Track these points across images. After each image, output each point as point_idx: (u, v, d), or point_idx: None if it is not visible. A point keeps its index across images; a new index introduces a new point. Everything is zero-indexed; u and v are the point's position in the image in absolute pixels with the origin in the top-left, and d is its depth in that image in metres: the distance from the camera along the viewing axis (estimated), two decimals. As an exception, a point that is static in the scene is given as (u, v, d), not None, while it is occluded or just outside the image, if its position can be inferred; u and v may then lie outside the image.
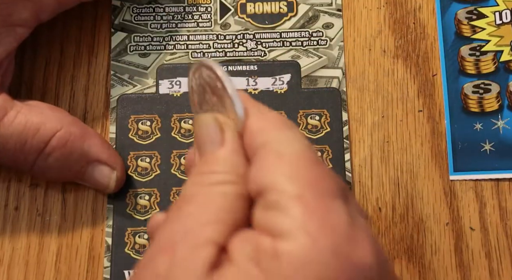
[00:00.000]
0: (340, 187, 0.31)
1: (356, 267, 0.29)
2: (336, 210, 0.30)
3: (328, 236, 0.29)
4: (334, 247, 0.29)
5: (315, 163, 0.31)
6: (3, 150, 0.41)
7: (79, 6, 0.45)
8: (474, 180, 0.44)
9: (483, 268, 0.43)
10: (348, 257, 0.29)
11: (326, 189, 0.30)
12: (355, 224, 0.30)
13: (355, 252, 0.29)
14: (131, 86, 0.46)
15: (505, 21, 0.46)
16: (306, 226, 0.29)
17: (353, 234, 0.29)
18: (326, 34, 0.47)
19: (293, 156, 0.31)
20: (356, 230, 0.30)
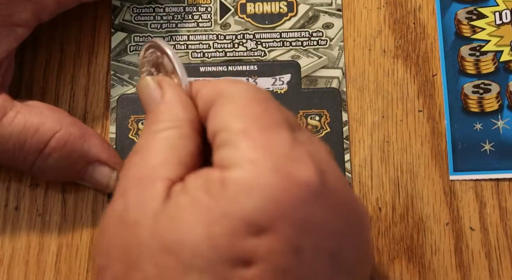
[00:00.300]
0: (285, 118, 0.33)
1: (298, 183, 0.31)
2: (278, 137, 0.32)
3: (268, 159, 0.31)
4: (275, 167, 0.31)
5: (261, 101, 0.34)
6: (2, 150, 0.41)
7: (79, 6, 0.45)
8: (474, 180, 0.44)
9: (483, 268, 0.43)
10: (289, 175, 0.30)
11: (270, 122, 0.33)
12: (298, 147, 0.32)
13: (297, 170, 0.31)
14: (131, 86, 0.46)
15: (505, 21, 0.46)
16: (250, 155, 0.31)
17: (295, 155, 0.31)
18: (326, 34, 0.47)
19: (241, 99, 0.34)
20: (298, 152, 0.32)
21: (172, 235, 0.31)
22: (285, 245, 0.30)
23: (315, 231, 0.31)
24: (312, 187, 0.31)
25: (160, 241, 0.31)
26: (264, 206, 0.30)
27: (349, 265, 0.32)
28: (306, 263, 0.30)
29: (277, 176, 0.31)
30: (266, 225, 0.30)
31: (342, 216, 0.32)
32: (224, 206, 0.30)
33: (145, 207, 0.32)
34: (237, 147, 0.32)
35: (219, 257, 0.30)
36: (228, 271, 0.30)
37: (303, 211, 0.30)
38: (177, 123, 0.34)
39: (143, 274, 0.31)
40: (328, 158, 0.33)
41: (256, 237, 0.30)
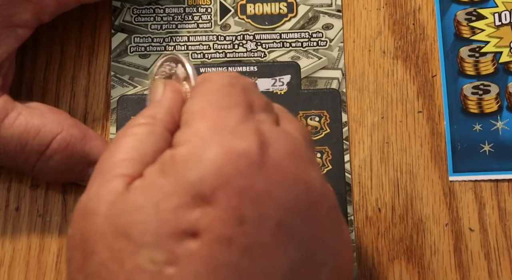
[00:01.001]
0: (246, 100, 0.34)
1: (237, 154, 0.31)
2: (229, 115, 0.33)
3: (214, 134, 0.32)
4: (218, 140, 0.32)
5: (226, 85, 0.35)
6: (3, 151, 0.41)
7: (80, 7, 0.45)
8: (473, 181, 0.44)
9: (482, 269, 0.43)
10: (230, 146, 0.32)
11: (227, 103, 0.34)
12: (247, 124, 0.33)
13: (237, 142, 0.32)
14: (132, 87, 0.46)
15: (505, 22, 0.46)
16: (199, 131, 0.33)
17: (240, 130, 0.32)
18: (326, 35, 0.47)
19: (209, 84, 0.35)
20: (245, 127, 0.33)
21: (123, 218, 0.31)
22: (227, 214, 0.31)
23: (257, 201, 0.31)
24: (250, 157, 0.32)
25: (113, 226, 0.32)
26: (206, 177, 0.31)
27: (301, 236, 0.32)
28: (251, 232, 0.31)
29: (218, 148, 0.32)
30: (209, 195, 0.31)
31: (288, 189, 0.32)
32: (171, 182, 0.31)
33: (101, 199, 0.33)
34: (191, 125, 0.33)
35: (166, 231, 0.31)
36: (176, 244, 0.30)
37: (243, 180, 0.31)
38: (151, 121, 0.35)
39: (98, 258, 0.31)
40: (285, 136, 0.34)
41: (200, 208, 0.31)
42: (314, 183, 0.33)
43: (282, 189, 0.32)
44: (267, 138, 0.33)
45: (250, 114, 0.34)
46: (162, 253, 0.30)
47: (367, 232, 0.44)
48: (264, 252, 0.31)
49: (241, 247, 0.31)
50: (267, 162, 0.32)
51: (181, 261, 0.30)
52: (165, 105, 0.36)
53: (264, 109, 0.35)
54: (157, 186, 0.32)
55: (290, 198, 0.32)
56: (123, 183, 0.33)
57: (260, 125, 0.33)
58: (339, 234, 0.34)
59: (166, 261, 0.30)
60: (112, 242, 0.31)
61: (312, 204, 0.33)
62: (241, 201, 0.31)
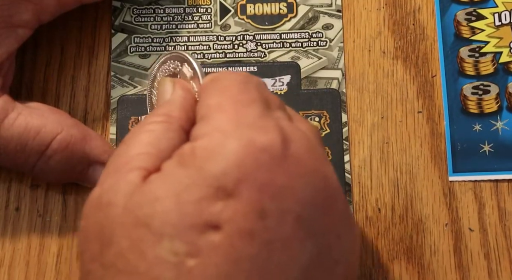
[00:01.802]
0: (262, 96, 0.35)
1: (259, 148, 0.32)
2: (249, 110, 0.33)
3: (235, 128, 0.32)
4: (239, 134, 0.32)
5: (241, 82, 0.35)
6: (3, 151, 0.41)
7: (80, 7, 0.45)
8: (473, 181, 0.44)
9: (482, 269, 0.43)
10: (252, 140, 0.32)
11: (245, 98, 0.34)
12: (267, 119, 0.33)
13: (259, 136, 0.32)
14: (132, 87, 0.46)
15: (504, 22, 0.46)
16: (219, 125, 0.33)
17: (261, 124, 0.33)
18: (325, 35, 0.47)
19: (224, 81, 0.35)
20: (265, 122, 0.33)
21: (143, 209, 0.31)
22: (249, 208, 0.31)
23: (278, 195, 0.31)
24: (273, 152, 0.32)
25: (132, 216, 0.32)
26: (229, 170, 0.31)
27: (319, 231, 0.32)
28: (271, 226, 0.31)
29: (240, 142, 0.32)
30: (231, 189, 0.31)
31: (308, 184, 0.32)
32: (192, 174, 0.32)
33: (118, 190, 0.33)
34: (210, 120, 0.33)
35: (187, 223, 0.31)
36: (197, 236, 0.31)
37: (265, 174, 0.31)
38: (167, 119, 0.35)
39: (117, 248, 0.31)
40: (302, 134, 0.34)
41: (222, 201, 0.31)
42: (331, 179, 0.34)
43: (303, 183, 0.32)
44: (287, 133, 0.33)
45: (268, 110, 0.34)
46: (183, 245, 0.31)
47: (367, 232, 0.44)
48: (284, 246, 0.31)
49: (262, 240, 0.31)
50: (289, 156, 0.32)
51: (203, 253, 0.31)
52: (178, 103, 0.36)
53: (279, 107, 0.36)
54: (177, 177, 0.32)
55: (310, 192, 0.32)
56: (140, 176, 0.33)
57: (278, 121, 0.34)
58: (352, 231, 0.35)
59: (188, 252, 0.31)
60: (131, 232, 0.31)
61: (330, 199, 0.33)
62: (263, 195, 0.31)
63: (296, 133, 0.34)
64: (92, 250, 0.33)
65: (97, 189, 0.34)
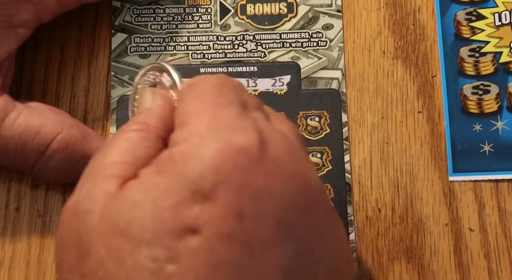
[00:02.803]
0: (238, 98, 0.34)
1: (236, 149, 0.31)
2: (225, 113, 0.33)
3: (212, 130, 0.32)
4: (216, 137, 0.32)
5: (217, 85, 0.35)
6: (3, 151, 0.41)
7: (80, 7, 0.45)
8: (473, 181, 0.44)
9: (482, 269, 0.43)
10: (228, 142, 0.31)
11: (221, 101, 0.34)
12: (243, 119, 0.33)
13: (236, 137, 0.32)
14: (132, 87, 0.46)
15: (505, 22, 0.46)
16: (197, 129, 0.32)
17: (237, 125, 0.32)
18: (326, 35, 0.47)
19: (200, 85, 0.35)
20: (242, 123, 0.33)
21: (120, 216, 0.31)
22: (226, 210, 0.31)
23: (256, 197, 0.31)
24: (250, 153, 0.32)
25: (109, 224, 0.31)
26: (206, 173, 0.31)
27: (299, 233, 0.32)
28: (250, 228, 0.31)
29: (217, 144, 0.31)
30: (208, 191, 0.31)
31: (287, 186, 0.32)
32: (169, 180, 0.31)
33: (94, 198, 0.32)
34: (188, 125, 0.33)
35: (165, 228, 0.30)
36: (176, 241, 0.30)
37: (242, 176, 0.31)
38: (144, 127, 0.35)
39: (96, 257, 0.31)
40: (281, 134, 0.34)
41: (199, 204, 0.31)
42: (312, 181, 0.34)
43: (282, 185, 0.32)
44: (265, 134, 0.33)
45: (245, 111, 0.34)
46: (162, 250, 0.30)
47: (367, 232, 0.44)
48: (263, 249, 0.31)
49: (241, 243, 0.31)
50: (267, 158, 0.32)
51: (182, 258, 0.30)
52: (156, 112, 0.36)
53: (257, 107, 0.35)
54: (154, 183, 0.32)
55: (289, 194, 0.32)
56: (116, 184, 0.33)
57: (256, 122, 0.34)
58: (336, 233, 0.34)
59: (167, 258, 0.30)
60: (109, 240, 0.31)
61: (310, 201, 0.33)
62: (240, 197, 0.31)
63: (274, 133, 0.33)
64: (70, 260, 0.32)
65: (73, 196, 0.34)
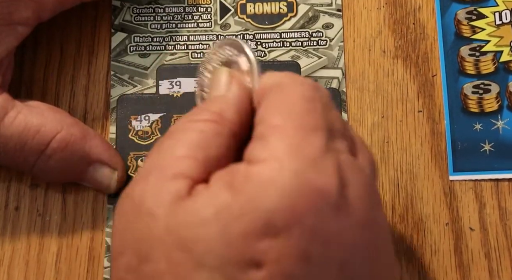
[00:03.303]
0: (327, 122, 0.32)
1: (316, 190, 0.30)
2: (311, 140, 0.31)
3: (294, 160, 0.30)
4: (297, 171, 0.30)
5: (308, 100, 0.32)
6: (3, 150, 0.41)
7: (79, 6, 0.45)
8: (474, 181, 0.44)
9: (482, 269, 0.43)
10: (310, 181, 0.30)
11: (309, 123, 0.32)
12: (328, 155, 0.31)
13: (317, 177, 0.30)
14: (131, 87, 0.46)
15: (505, 21, 0.46)
16: (278, 153, 0.30)
17: (321, 162, 0.31)
18: (326, 34, 0.47)
19: (289, 94, 0.33)
20: (327, 159, 0.31)
21: (187, 230, 0.30)
22: (295, 250, 0.29)
23: (327, 242, 0.30)
24: (328, 196, 0.30)
25: (175, 236, 0.30)
26: (281, 208, 0.29)
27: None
28: (314, 272, 0.30)
29: (296, 179, 0.30)
30: (280, 227, 0.29)
31: (359, 234, 0.31)
32: (243, 203, 0.30)
33: (161, 199, 0.31)
34: (268, 142, 0.31)
35: (231, 257, 0.29)
36: (238, 272, 0.29)
37: (317, 219, 0.30)
38: (219, 120, 0.33)
39: (155, 267, 0.30)
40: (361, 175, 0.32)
41: (269, 239, 0.29)
42: (382, 229, 0.33)
43: (354, 234, 0.31)
44: (346, 176, 0.31)
45: (331, 141, 0.32)
46: (223, 278, 0.29)
47: (367, 231, 0.44)
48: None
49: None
50: (344, 204, 0.31)
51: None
52: (232, 103, 0.34)
53: (342, 134, 0.33)
54: (225, 202, 0.30)
55: (359, 243, 0.31)
56: (186, 186, 0.31)
57: (339, 156, 0.32)
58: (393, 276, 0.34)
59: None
60: (172, 253, 0.30)
61: (377, 251, 0.32)
62: (311, 240, 0.30)
63: (355, 174, 0.32)
64: (128, 260, 0.31)
65: (139, 185, 0.32)
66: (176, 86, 0.46)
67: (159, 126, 0.45)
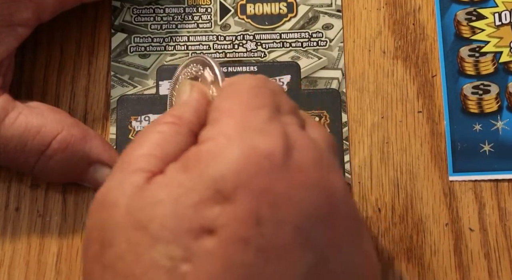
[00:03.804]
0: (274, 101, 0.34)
1: (259, 154, 0.32)
2: (255, 115, 0.33)
3: (239, 132, 0.32)
4: (242, 139, 0.32)
5: (255, 87, 0.35)
6: (3, 151, 0.41)
7: (80, 7, 0.45)
8: (473, 181, 0.44)
9: (482, 269, 0.43)
10: (253, 146, 0.32)
11: (255, 103, 0.34)
12: (273, 124, 0.33)
13: (261, 142, 0.32)
14: (131, 87, 0.46)
15: (505, 22, 0.46)
16: (225, 130, 0.33)
17: (265, 130, 0.33)
18: (325, 35, 0.47)
19: (239, 85, 0.35)
20: (271, 127, 0.33)
21: (143, 212, 0.32)
22: (245, 213, 0.31)
23: (276, 203, 0.31)
24: (274, 158, 0.32)
25: (132, 218, 0.32)
26: (227, 175, 0.31)
27: (319, 243, 0.32)
28: (267, 234, 0.31)
29: (242, 147, 0.32)
30: (229, 193, 0.31)
31: (309, 195, 0.32)
32: (193, 178, 0.32)
33: (121, 191, 0.33)
34: (218, 123, 0.34)
35: (184, 227, 0.31)
36: (192, 241, 0.31)
37: (263, 181, 0.31)
38: (178, 121, 0.35)
39: (116, 250, 0.32)
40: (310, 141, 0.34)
41: (219, 205, 0.31)
42: (336, 191, 0.33)
43: (303, 194, 0.32)
44: (292, 140, 0.33)
45: (277, 115, 0.34)
46: (178, 249, 0.31)
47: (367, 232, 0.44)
48: (279, 255, 0.31)
49: (257, 248, 0.30)
50: (291, 165, 0.32)
51: (196, 258, 0.30)
52: (191, 106, 0.36)
53: (291, 112, 0.35)
54: (178, 181, 0.32)
55: (310, 203, 0.32)
56: (144, 178, 0.33)
57: (286, 127, 0.33)
58: (359, 245, 0.34)
59: (182, 257, 0.31)
60: (130, 235, 0.32)
61: (333, 211, 0.33)
62: (260, 202, 0.31)
63: (303, 140, 0.33)
64: (94, 250, 0.33)
65: (104, 187, 0.34)
66: (176, 87, 0.46)
67: (159, 126, 0.45)
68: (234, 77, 0.37)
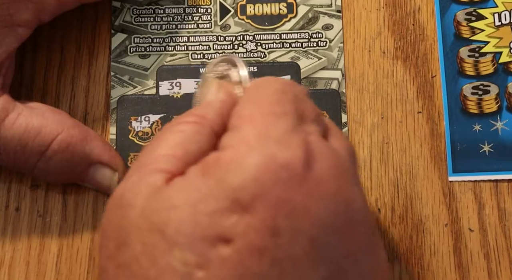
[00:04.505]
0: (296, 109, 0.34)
1: (280, 164, 0.31)
2: (278, 123, 0.33)
3: (260, 141, 0.32)
4: (262, 149, 0.32)
5: (278, 92, 0.34)
6: (3, 152, 0.41)
7: (80, 7, 0.45)
8: (473, 181, 0.44)
9: (481, 269, 0.43)
10: (274, 156, 0.31)
11: (277, 110, 0.33)
12: (295, 134, 0.33)
13: (283, 152, 0.32)
14: (131, 87, 0.46)
15: (504, 22, 0.46)
16: (246, 137, 0.32)
17: (287, 140, 0.32)
18: (325, 35, 0.47)
19: (261, 89, 0.35)
20: (292, 138, 0.32)
21: (159, 215, 0.32)
22: (262, 224, 0.31)
23: (293, 215, 0.31)
24: (293, 169, 0.31)
25: (148, 220, 0.32)
26: (246, 184, 0.31)
27: (334, 256, 0.32)
28: (283, 245, 0.31)
29: (261, 156, 0.31)
30: (246, 203, 0.31)
31: (326, 207, 0.32)
32: (212, 185, 0.31)
33: (138, 191, 0.33)
34: (239, 130, 0.33)
35: (200, 234, 0.31)
36: (208, 248, 0.31)
37: (282, 192, 0.31)
38: (200, 120, 0.35)
39: (131, 251, 0.32)
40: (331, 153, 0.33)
41: (236, 215, 0.31)
42: (355, 204, 0.33)
43: (321, 206, 0.32)
44: (313, 151, 0.32)
45: (299, 124, 0.33)
46: (194, 255, 0.31)
47: (367, 232, 0.44)
48: (294, 267, 0.31)
49: (272, 259, 0.30)
50: (310, 176, 0.32)
51: (211, 266, 0.30)
52: (216, 106, 0.36)
53: (314, 120, 0.35)
54: (196, 186, 0.32)
55: (328, 215, 0.32)
56: (163, 179, 0.33)
57: (308, 136, 0.33)
58: (374, 257, 0.34)
59: (197, 264, 0.30)
60: (146, 236, 0.31)
61: (349, 224, 0.32)
62: (277, 212, 0.31)
63: (324, 151, 0.33)
64: (108, 248, 0.33)
65: (121, 185, 0.34)
66: (176, 87, 0.46)
67: (159, 127, 0.45)
68: (261, 79, 0.36)
